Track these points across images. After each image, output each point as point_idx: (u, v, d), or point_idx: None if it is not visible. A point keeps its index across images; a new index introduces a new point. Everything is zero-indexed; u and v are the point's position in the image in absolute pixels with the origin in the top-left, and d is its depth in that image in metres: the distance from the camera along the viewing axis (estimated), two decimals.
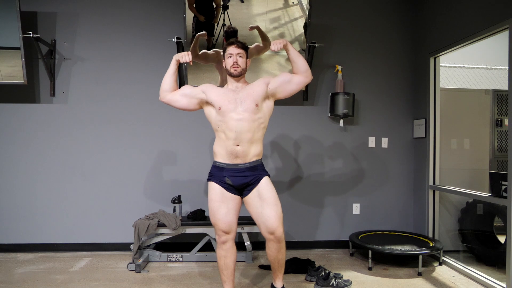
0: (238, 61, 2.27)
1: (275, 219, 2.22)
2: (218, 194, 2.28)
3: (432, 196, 3.51)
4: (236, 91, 2.29)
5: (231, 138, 2.22)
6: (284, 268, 2.41)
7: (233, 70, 2.27)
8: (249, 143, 2.25)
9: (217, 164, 2.31)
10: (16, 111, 3.56)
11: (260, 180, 2.28)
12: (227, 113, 2.23)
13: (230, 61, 2.28)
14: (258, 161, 2.33)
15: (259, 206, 2.25)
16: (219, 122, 2.27)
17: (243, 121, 2.22)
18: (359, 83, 3.80)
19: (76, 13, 3.60)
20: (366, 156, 3.82)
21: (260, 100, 2.28)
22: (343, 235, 3.75)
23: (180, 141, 3.67)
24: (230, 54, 2.28)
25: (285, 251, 2.34)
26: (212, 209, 2.28)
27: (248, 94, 2.27)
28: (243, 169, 2.26)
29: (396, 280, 2.89)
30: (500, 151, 3.73)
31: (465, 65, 3.95)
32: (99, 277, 2.91)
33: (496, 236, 3.36)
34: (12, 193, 3.55)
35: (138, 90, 3.65)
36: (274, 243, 2.26)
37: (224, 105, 2.24)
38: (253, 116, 2.24)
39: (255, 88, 2.29)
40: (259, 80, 2.36)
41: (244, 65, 2.31)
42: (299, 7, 3.33)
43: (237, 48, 2.28)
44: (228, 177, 2.26)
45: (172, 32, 3.60)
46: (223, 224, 2.26)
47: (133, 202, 3.62)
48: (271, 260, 2.34)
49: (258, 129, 2.29)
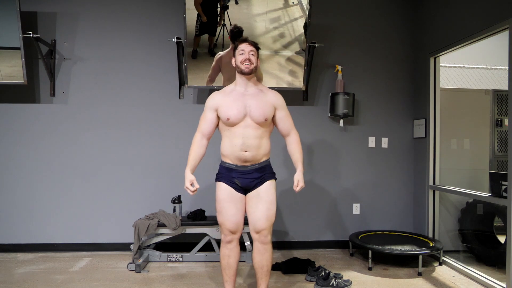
0: (251, 59, 2.20)
1: (264, 220, 2.22)
2: (227, 194, 2.25)
3: (432, 196, 3.51)
4: (245, 95, 2.23)
5: (238, 145, 2.20)
6: (268, 278, 2.31)
7: (244, 67, 2.19)
8: (257, 148, 2.23)
9: (226, 165, 2.28)
10: (16, 111, 3.56)
11: (264, 182, 2.27)
12: (235, 122, 2.20)
13: (241, 57, 2.20)
14: (267, 161, 2.32)
15: (253, 205, 2.25)
16: (225, 127, 2.25)
17: (250, 127, 2.20)
18: (359, 83, 3.81)
19: (76, 13, 3.61)
20: (366, 156, 3.82)
21: (269, 116, 2.25)
22: (343, 235, 3.76)
23: (181, 141, 3.67)
24: (242, 51, 2.21)
25: (271, 258, 2.29)
26: (220, 209, 2.26)
27: (258, 106, 2.20)
28: (251, 170, 2.24)
29: (396, 280, 2.89)
30: (500, 151, 3.73)
31: (465, 65, 3.95)
32: (99, 277, 2.91)
33: (496, 236, 3.36)
34: (12, 193, 3.56)
35: (138, 90, 3.65)
36: (259, 244, 2.25)
37: (232, 115, 2.18)
38: (260, 126, 2.23)
39: (266, 105, 2.23)
40: (270, 96, 2.28)
41: (256, 64, 2.25)
42: (299, 7, 3.33)
43: (250, 46, 2.23)
44: (237, 178, 2.25)
45: (172, 32, 3.60)
46: (231, 224, 2.25)
47: (133, 202, 3.62)
48: (255, 266, 2.30)
49: (265, 133, 2.27)
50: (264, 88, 2.33)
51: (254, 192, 2.26)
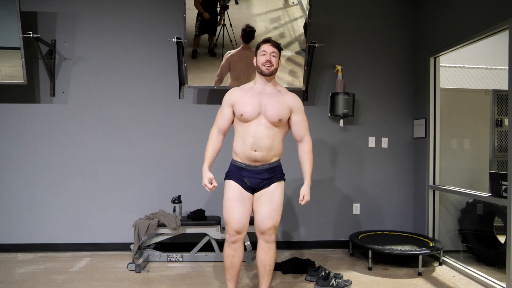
0: (272, 60, 2.20)
1: (269, 220, 2.22)
2: (236, 192, 2.25)
3: (432, 196, 3.51)
4: (262, 94, 2.23)
5: (249, 143, 2.20)
6: (271, 277, 2.32)
7: (265, 69, 2.20)
8: (268, 149, 2.22)
9: (237, 164, 2.28)
10: (16, 111, 3.56)
11: (272, 183, 2.27)
12: (249, 119, 2.20)
13: (263, 58, 2.20)
14: (277, 162, 2.32)
15: (259, 205, 2.25)
16: (239, 123, 2.25)
17: (263, 126, 2.20)
18: (359, 83, 3.80)
19: (76, 13, 3.60)
20: (366, 156, 3.82)
21: (284, 118, 2.25)
22: (343, 235, 3.76)
23: (181, 141, 3.66)
24: (264, 52, 2.21)
25: (274, 258, 2.31)
26: (228, 207, 2.25)
27: (274, 106, 2.20)
28: (261, 170, 2.25)
29: (396, 280, 2.89)
30: (500, 151, 3.73)
31: (465, 65, 3.95)
32: (99, 277, 2.91)
33: (496, 236, 3.36)
34: (12, 193, 3.55)
35: (138, 90, 3.65)
36: (263, 242, 2.27)
37: (247, 111, 2.19)
38: (274, 126, 2.23)
39: (282, 106, 2.23)
40: (287, 98, 2.28)
41: (277, 65, 2.25)
42: (299, 7, 3.33)
43: (272, 47, 2.22)
44: (247, 177, 2.25)
45: (172, 32, 3.60)
46: (237, 224, 2.24)
47: (133, 202, 3.62)
48: (258, 265, 2.31)
49: (278, 135, 2.26)
50: (283, 89, 2.33)
51: (261, 192, 2.26)
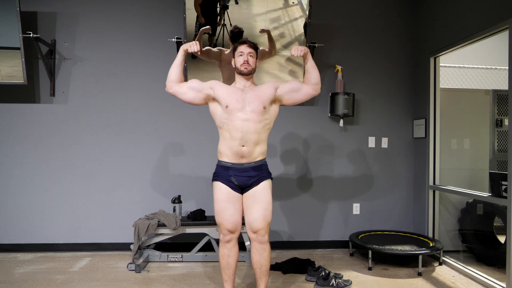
0: (249, 60, 2.27)
1: (261, 220, 2.23)
2: (224, 194, 2.26)
3: (432, 196, 3.51)
4: (244, 91, 2.29)
5: (237, 138, 2.22)
6: (267, 277, 2.32)
7: (243, 69, 2.26)
8: (254, 143, 2.25)
9: (223, 164, 2.29)
10: (16, 111, 3.56)
11: (260, 182, 2.28)
12: (234, 112, 2.22)
13: (240, 59, 2.27)
14: (263, 161, 2.33)
15: (250, 205, 2.26)
16: (224, 120, 2.26)
17: (250, 121, 2.22)
18: (359, 83, 3.80)
19: (76, 13, 3.60)
20: (366, 156, 3.82)
21: (267, 103, 2.28)
22: (343, 235, 3.76)
23: (181, 141, 3.66)
24: (241, 53, 2.27)
25: (269, 258, 2.31)
26: (218, 209, 2.27)
27: (256, 95, 2.26)
28: (248, 168, 2.26)
29: (396, 280, 2.89)
30: (500, 151, 3.73)
31: (465, 65, 3.95)
32: (99, 277, 2.91)
33: (496, 236, 3.36)
34: (12, 193, 3.55)
35: (138, 90, 3.65)
36: (256, 244, 2.26)
37: (231, 103, 2.23)
38: (260, 117, 2.25)
39: (264, 90, 2.30)
40: (268, 83, 2.36)
41: (254, 65, 2.30)
42: (299, 7, 3.33)
43: (249, 47, 2.28)
44: (233, 176, 2.26)
45: (172, 32, 3.60)
46: (230, 224, 2.26)
47: (133, 202, 3.62)
48: (254, 266, 2.31)
49: (264, 130, 2.29)
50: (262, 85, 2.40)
51: (250, 192, 2.27)
